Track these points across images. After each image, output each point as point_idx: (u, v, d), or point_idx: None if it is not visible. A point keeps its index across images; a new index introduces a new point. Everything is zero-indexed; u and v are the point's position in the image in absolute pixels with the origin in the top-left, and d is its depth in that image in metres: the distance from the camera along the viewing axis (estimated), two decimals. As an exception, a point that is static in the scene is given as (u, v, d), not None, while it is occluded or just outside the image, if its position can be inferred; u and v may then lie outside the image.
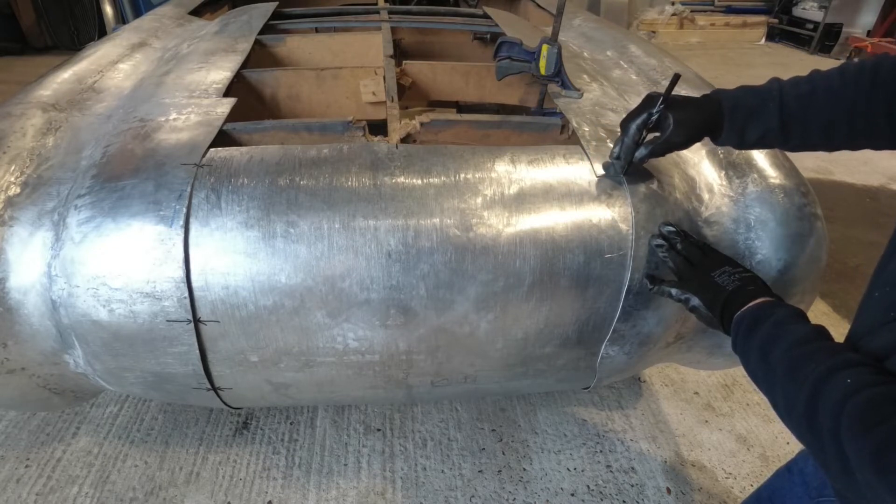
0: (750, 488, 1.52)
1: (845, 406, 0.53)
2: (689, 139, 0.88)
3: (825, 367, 0.59)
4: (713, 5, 6.92)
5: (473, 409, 1.72)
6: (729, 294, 0.80)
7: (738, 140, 0.86)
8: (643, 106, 0.89)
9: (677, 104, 0.87)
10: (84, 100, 1.34)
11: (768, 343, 0.68)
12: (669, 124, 0.87)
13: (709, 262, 0.88)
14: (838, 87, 0.76)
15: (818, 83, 0.79)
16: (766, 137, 0.83)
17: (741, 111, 0.84)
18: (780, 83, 0.83)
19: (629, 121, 0.91)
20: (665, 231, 0.98)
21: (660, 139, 0.89)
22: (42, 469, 1.49)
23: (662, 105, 0.87)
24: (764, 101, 0.82)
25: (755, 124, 0.83)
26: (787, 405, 0.62)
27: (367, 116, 1.41)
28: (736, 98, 0.85)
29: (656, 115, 0.87)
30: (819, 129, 0.79)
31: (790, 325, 0.69)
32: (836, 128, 0.77)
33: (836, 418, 0.54)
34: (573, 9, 2.15)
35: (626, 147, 0.94)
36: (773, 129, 0.82)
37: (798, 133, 0.81)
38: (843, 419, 0.53)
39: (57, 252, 0.97)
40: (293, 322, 1.00)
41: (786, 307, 0.73)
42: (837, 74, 0.78)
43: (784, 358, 0.65)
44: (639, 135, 0.91)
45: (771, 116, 0.81)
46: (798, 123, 0.80)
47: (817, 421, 0.56)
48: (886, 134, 0.74)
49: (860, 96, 0.74)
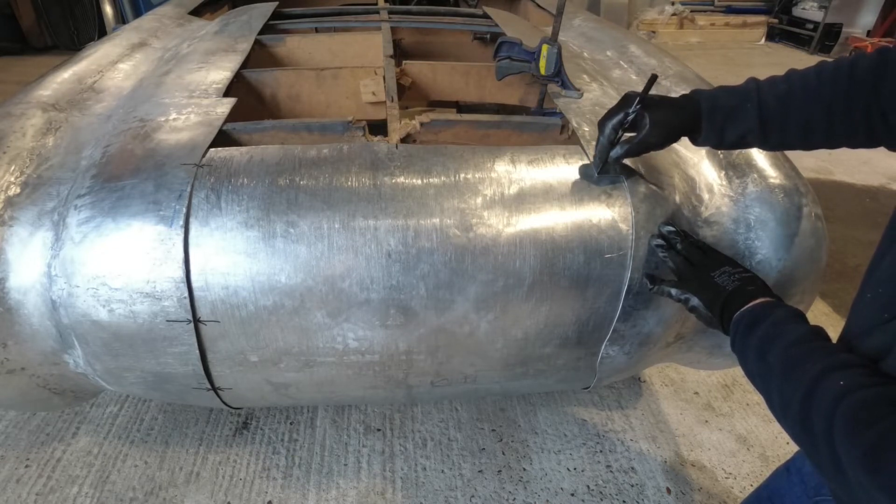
0: (750, 488, 1.51)
1: (838, 407, 0.54)
2: (666, 140, 0.88)
3: (820, 367, 0.59)
4: (713, 5, 6.91)
5: (473, 409, 1.72)
6: (728, 294, 0.80)
7: (717, 140, 0.86)
8: (620, 105, 0.89)
9: (654, 104, 0.87)
10: (84, 100, 1.34)
11: (766, 342, 0.68)
12: (646, 124, 0.86)
13: (709, 262, 0.88)
14: (815, 87, 0.77)
15: (795, 83, 0.79)
16: (746, 137, 0.83)
17: (720, 112, 0.83)
18: (758, 83, 0.83)
19: (606, 120, 0.91)
20: (665, 231, 0.98)
21: (635, 139, 0.89)
22: (42, 469, 1.49)
23: (639, 105, 0.86)
24: (742, 101, 0.82)
25: (734, 125, 0.83)
26: (783, 405, 0.62)
27: (367, 116, 1.41)
28: (714, 98, 0.85)
29: (632, 114, 0.87)
30: (797, 129, 0.79)
31: (788, 325, 0.69)
32: (814, 127, 0.77)
33: (829, 419, 0.54)
34: (573, 9, 2.15)
35: (602, 146, 0.94)
36: (753, 129, 0.82)
37: (776, 133, 0.81)
38: (836, 420, 0.53)
39: (57, 252, 0.97)
40: (293, 322, 1.00)
41: (785, 307, 0.73)
42: (814, 74, 0.78)
43: (781, 357, 0.65)
44: (614, 134, 0.91)
45: (750, 117, 0.81)
46: (776, 123, 0.80)
47: (811, 421, 0.57)
48: (863, 132, 0.74)
49: (837, 95, 0.74)
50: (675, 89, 1.46)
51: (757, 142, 0.84)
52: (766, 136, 0.82)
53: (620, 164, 1.02)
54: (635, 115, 0.87)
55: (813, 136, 0.79)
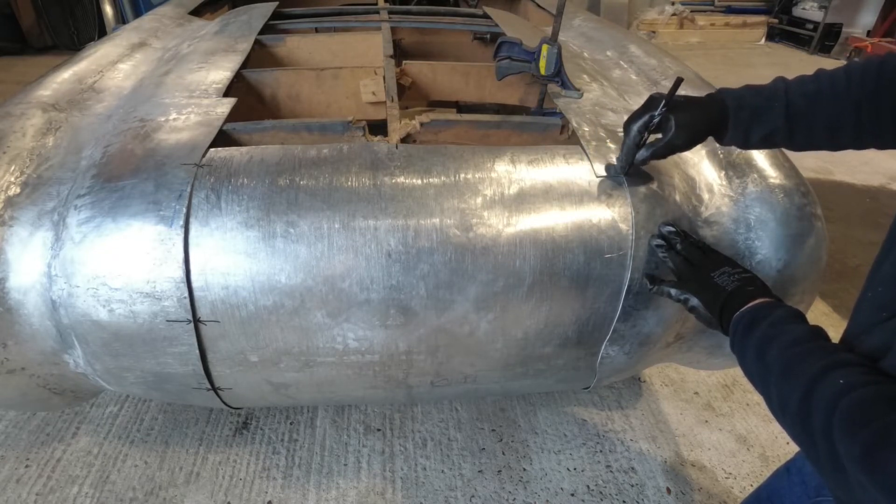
0: (750, 488, 1.52)
1: (838, 405, 0.54)
2: (692, 141, 0.88)
3: (819, 366, 0.59)
4: (713, 5, 6.92)
5: (473, 409, 1.72)
6: (728, 294, 0.80)
7: (742, 140, 0.86)
8: (645, 108, 0.89)
9: (680, 106, 0.87)
10: (84, 100, 1.34)
11: (765, 342, 0.69)
12: (671, 126, 0.86)
13: (708, 262, 0.88)
14: (844, 87, 0.76)
15: (824, 82, 0.78)
16: (772, 137, 0.83)
17: (746, 111, 0.83)
18: (786, 82, 0.82)
19: (631, 122, 0.91)
20: (665, 231, 0.98)
21: (661, 141, 0.89)
22: (42, 469, 1.49)
23: (665, 108, 0.86)
24: (769, 100, 0.82)
25: (761, 124, 0.83)
26: (782, 404, 0.62)
27: (367, 116, 1.41)
28: (740, 98, 0.84)
29: (658, 117, 0.87)
30: (825, 129, 0.79)
31: (787, 324, 0.69)
32: (842, 127, 0.77)
33: (828, 417, 0.54)
34: (573, 9, 2.15)
35: (627, 148, 0.94)
36: (779, 128, 0.82)
37: (804, 132, 0.81)
38: (836, 418, 0.53)
39: (57, 252, 0.97)
40: (293, 322, 1.00)
41: (784, 307, 0.73)
42: (843, 73, 0.77)
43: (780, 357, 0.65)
44: (640, 137, 0.91)
45: (777, 116, 0.81)
46: (804, 123, 0.80)
47: (810, 420, 0.57)
48: (891, 133, 0.74)
49: (866, 95, 0.73)
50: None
51: (783, 141, 0.84)
52: (793, 135, 0.82)
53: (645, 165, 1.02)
54: (661, 117, 0.87)
55: (840, 135, 0.78)
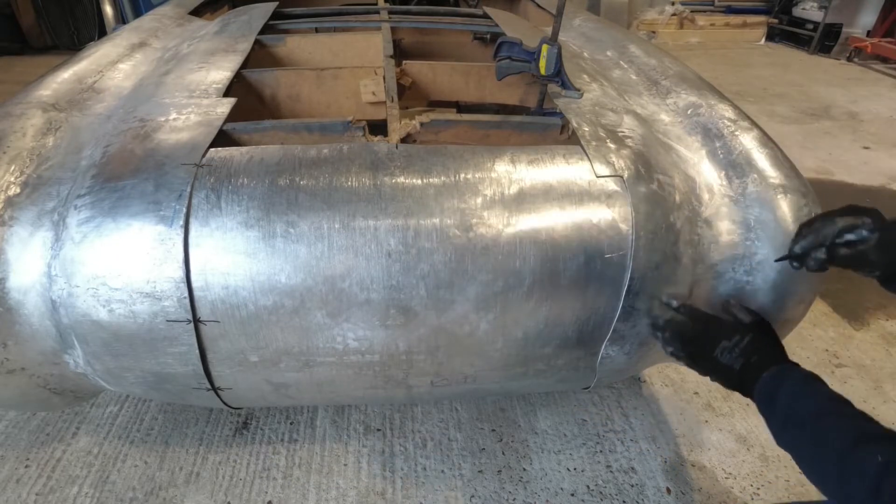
0: (750, 488, 1.52)
1: (881, 485, 0.57)
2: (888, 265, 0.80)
3: (850, 439, 0.64)
4: (713, 5, 6.91)
5: (473, 409, 1.72)
6: (738, 374, 0.86)
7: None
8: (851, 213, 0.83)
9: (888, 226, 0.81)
10: (84, 100, 1.34)
11: (787, 421, 0.75)
12: (872, 240, 0.80)
13: (706, 340, 0.92)
14: None
15: None
16: None
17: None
18: None
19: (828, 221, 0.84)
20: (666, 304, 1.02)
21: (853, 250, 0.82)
22: (42, 469, 1.49)
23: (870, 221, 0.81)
24: None
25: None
26: (821, 479, 0.68)
27: (367, 116, 1.41)
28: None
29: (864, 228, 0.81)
30: None
31: (801, 399, 0.75)
32: None
33: (874, 498, 0.57)
34: (573, 9, 2.15)
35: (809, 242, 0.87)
36: None
37: None
38: (885, 499, 0.56)
39: (57, 252, 0.97)
40: (293, 322, 1.00)
41: (793, 376, 0.80)
42: None
43: (807, 435, 0.70)
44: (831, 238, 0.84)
45: None
46: None
47: (853, 498, 0.60)
48: None
49: None
50: (674, 89, 1.46)
51: None
52: None
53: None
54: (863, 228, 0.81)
55: None
